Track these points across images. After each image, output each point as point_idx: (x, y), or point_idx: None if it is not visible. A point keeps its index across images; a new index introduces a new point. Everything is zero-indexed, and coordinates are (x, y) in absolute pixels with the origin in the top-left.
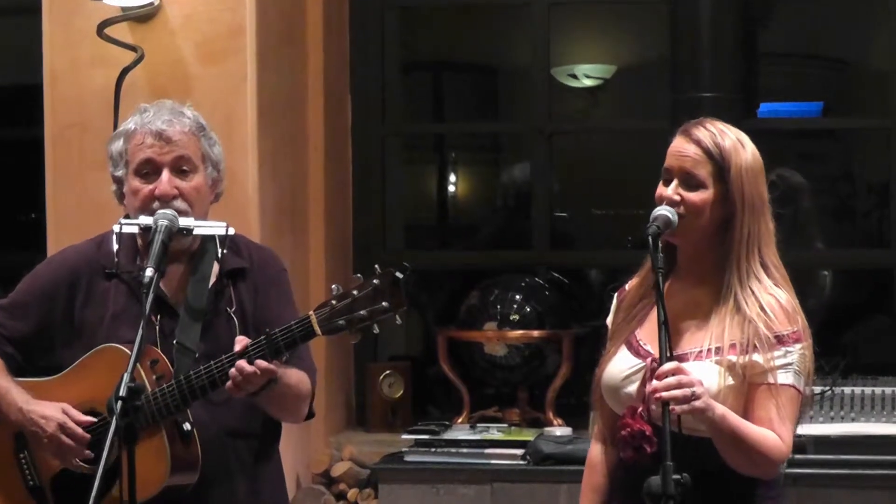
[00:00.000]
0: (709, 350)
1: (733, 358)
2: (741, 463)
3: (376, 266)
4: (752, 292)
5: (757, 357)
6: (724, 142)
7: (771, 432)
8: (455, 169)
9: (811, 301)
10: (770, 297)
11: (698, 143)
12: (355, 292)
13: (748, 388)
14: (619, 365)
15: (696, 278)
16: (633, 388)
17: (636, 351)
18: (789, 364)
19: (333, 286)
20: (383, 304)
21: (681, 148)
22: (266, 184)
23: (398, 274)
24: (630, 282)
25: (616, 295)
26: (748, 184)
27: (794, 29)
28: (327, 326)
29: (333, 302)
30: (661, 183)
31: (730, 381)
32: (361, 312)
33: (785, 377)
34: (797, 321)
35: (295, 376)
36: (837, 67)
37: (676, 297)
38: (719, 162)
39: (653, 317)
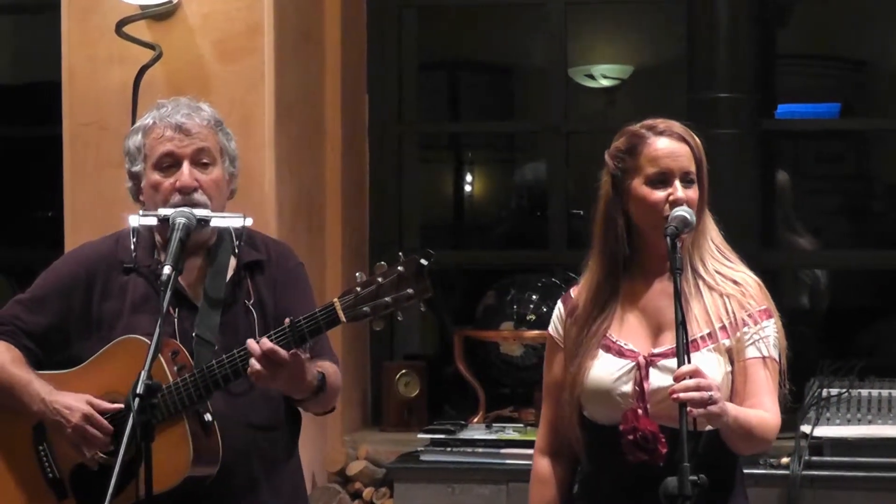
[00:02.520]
0: (702, 338)
1: (727, 342)
2: (744, 447)
3: (400, 253)
4: (719, 273)
5: (745, 329)
6: (696, 138)
7: (765, 413)
8: (471, 168)
9: (816, 301)
10: (741, 274)
11: (685, 140)
12: (380, 279)
13: (736, 362)
14: (606, 368)
15: (661, 273)
16: (626, 388)
17: (619, 352)
18: (769, 336)
19: (357, 273)
20: (408, 290)
21: (674, 149)
22: (283, 182)
23: (423, 261)
24: (575, 289)
25: (561, 303)
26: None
27: (812, 30)
28: (352, 313)
29: (358, 289)
30: (648, 189)
31: (727, 366)
32: (386, 299)
33: (770, 349)
34: (769, 297)
35: (332, 371)
36: (855, 68)
37: (650, 295)
38: (699, 158)
39: (623, 317)
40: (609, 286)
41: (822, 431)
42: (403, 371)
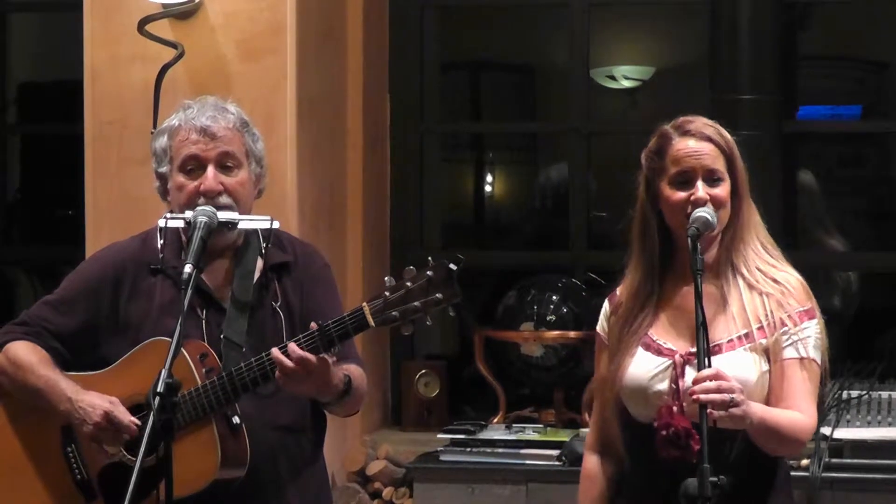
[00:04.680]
0: (739, 338)
1: (764, 341)
2: (774, 448)
3: (429, 258)
4: (760, 270)
5: (783, 329)
6: (725, 134)
7: (798, 413)
8: (492, 168)
9: (844, 303)
10: (784, 273)
11: (708, 139)
12: (409, 284)
13: (774, 363)
14: (643, 366)
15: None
16: (662, 385)
17: (657, 351)
18: (810, 337)
19: (386, 278)
20: (437, 295)
21: (694, 148)
22: (304, 181)
23: (452, 266)
24: (620, 287)
25: (607, 301)
26: (744, 170)
27: (834, 32)
28: (381, 318)
29: (387, 293)
30: (672, 189)
31: (764, 365)
32: (415, 304)
33: (810, 350)
34: (812, 298)
35: (358, 374)
36: (877, 70)
37: (688, 295)
38: (728, 154)
39: (664, 317)
40: (648, 286)
41: (842, 433)
42: (423, 371)
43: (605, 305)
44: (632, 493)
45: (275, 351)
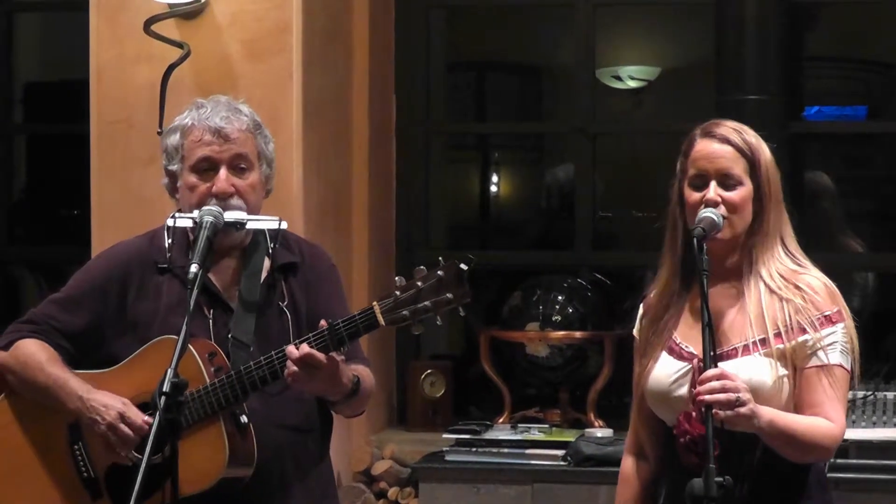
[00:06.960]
0: (755, 343)
1: (781, 346)
2: (794, 455)
3: (440, 258)
4: (782, 276)
5: (804, 337)
6: (750, 138)
7: (821, 419)
8: (498, 169)
9: (854, 303)
10: (808, 277)
11: (728, 141)
12: (420, 283)
13: (796, 371)
14: (665, 370)
15: (722, 276)
16: (682, 391)
17: (679, 354)
18: (836, 343)
19: (397, 277)
20: (447, 295)
21: (712, 149)
22: (310, 182)
23: (462, 266)
24: (651, 290)
25: (641, 303)
26: (773, 176)
27: (840, 32)
28: (391, 317)
29: (397, 293)
30: (690, 190)
31: (782, 370)
32: (426, 303)
33: (834, 356)
34: (839, 301)
35: (366, 375)
36: (883, 71)
37: (712, 298)
38: (750, 158)
39: (688, 319)
40: (673, 286)
41: (848, 434)
42: (429, 371)
43: (640, 307)
44: (658, 496)
45: (290, 347)
